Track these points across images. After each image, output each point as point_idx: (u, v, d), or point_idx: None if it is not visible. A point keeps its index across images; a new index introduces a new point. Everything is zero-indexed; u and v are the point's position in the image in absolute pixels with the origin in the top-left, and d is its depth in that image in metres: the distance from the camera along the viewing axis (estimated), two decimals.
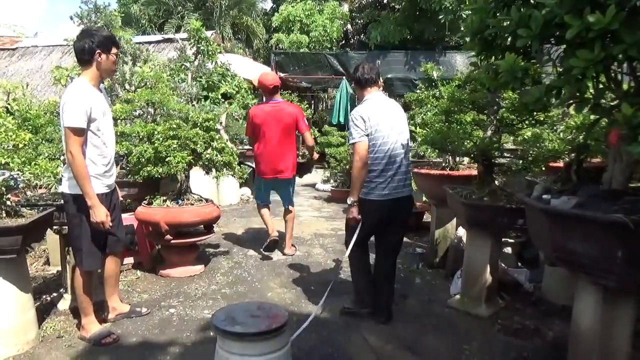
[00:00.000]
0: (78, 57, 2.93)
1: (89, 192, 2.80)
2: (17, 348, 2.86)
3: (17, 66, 11.87)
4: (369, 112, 3.21)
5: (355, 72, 3.41)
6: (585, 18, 1.71)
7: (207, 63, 8.76)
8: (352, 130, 3.21)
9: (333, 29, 17.41)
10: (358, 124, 3.18)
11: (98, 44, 2.86)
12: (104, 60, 2.90)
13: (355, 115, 3.22)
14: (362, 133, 3.16)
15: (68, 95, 2.80)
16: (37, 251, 4.90)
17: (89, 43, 2.85)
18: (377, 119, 3.19)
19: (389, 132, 3.21)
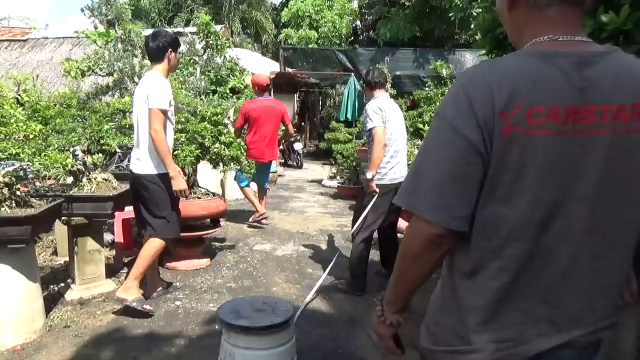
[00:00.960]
0: (152, 54, 3.34)
1: (171, 164, 3.24)
2: (24, 337, 2.89)
3: (28, 58, 11.93)
4: (383, 105, 3.69)
5: (366, 75, 3.92)
6: (598, 18, 1.70)
7: (215, 57, 8.76)
8: (372, 116, 3.64)
9: (342, 25, 17.37)
10: (377, 112, 3.63)
11: (170, 43, 3.32)
12: (173, 57, 3.37)
13: (373, 106, 3.67)
14: (381, 120, 3.62)
15: (152, 82, 3.22)
16: (46, 241, 4.94)
17: (163, 42, 3.29)
18: (390, 112, 3.70)
19: (397, 125, 3.77)
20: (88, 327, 3.14)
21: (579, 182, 0.94)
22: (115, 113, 4.91)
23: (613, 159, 0.93)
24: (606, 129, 0.93)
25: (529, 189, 0.93)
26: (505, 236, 0.96)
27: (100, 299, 3.59)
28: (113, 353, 2.82)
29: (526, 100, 0.91)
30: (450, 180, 0.95)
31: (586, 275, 0.98)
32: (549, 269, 0.97)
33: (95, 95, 5.92)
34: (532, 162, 0.92)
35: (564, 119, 0.91)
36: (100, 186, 3.64)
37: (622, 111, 0.92)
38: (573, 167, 0.93)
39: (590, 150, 0.93)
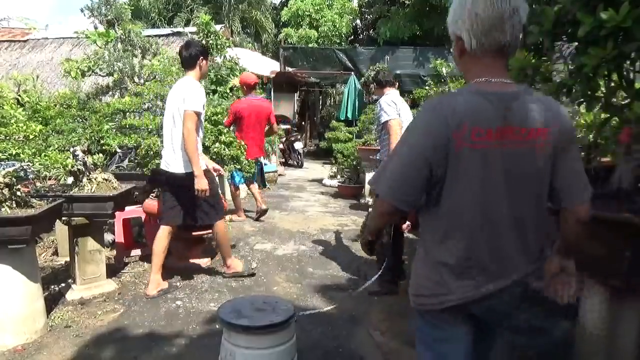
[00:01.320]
0: (185, 62, 3.68)
1: (197, 164, 3.49)
2: (25, 337, 2.89)
3: (28, 58, 11.93)
4: (395, 99, 3.84)
5: (376, 75, 4.14)
6: (598, 15, 1.70)
7: (215, 57, 8.76)
8: (387, 109, 3.76)
9: (342, 24, 17.36)
10: (391, 105, 3.76)
11: (201, 52, 3.67)
12: (204, 64, 3.71)
13: (387, 100, 3.82)
14: (396, 112, 3.74)
15: (188, 86, 3.53)
16: (46, 241, 4.95)
17: (195, 51, 3.64)
18: (400, 106, 3.84)
19: (407, 120, 3.82)
20: (89, 327, 3.15)
21: (507, 176, 1.39)
22: (116, 113, 4.92)
23: (527, 161, 1.40)
24: (522, 143, 1.39)
25: (477, 183, 1.39)
26: (464, 214, 1.42)
27: (101, 299, 3.60)
28: (114, 353, 2.83)
29: (470, 123, 1.35)
30: (403, 178, 1.41)
31: (516, 239, 1.44)
32: (493, 236, 1.42)
33: (95, 95, 5.92)
34: (477, 165, 1.37)
35: (495, 136, 1.37)
36: (100, 186, 3.64)
37: (532, 131, 1.39)
38: (503, 166, 1.39)
39: (513, 156, 1.39)
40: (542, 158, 1.42)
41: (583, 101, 2.10)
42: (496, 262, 1.44)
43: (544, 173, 1.44)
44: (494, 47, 1.41)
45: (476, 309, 1.48)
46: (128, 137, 4.60)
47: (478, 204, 1.41)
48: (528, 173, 1.42)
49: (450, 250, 1.44)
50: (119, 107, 4.80)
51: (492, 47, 1.41)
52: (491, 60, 1.44)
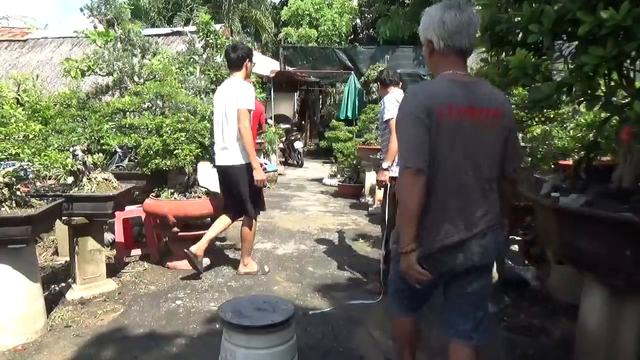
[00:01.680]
0: (232, 64, 4.02)
1: (255, 156, 3.95)
2: (25, 337, 2.89)
3: (28, 58, 11.93)
4: (399, 98, 3.74)
5: (380, 74, 4.19)
6: (598, 14, 1.69)
7: (215, 56, 8.75)
8: (390, 107, 3.77)
9: (342, 24, 17.34)
10: (394, 103, 3.73)
11: (247, 54, 4.02)
12: (249, 66, 4.07)
13: (391, 98, 3.84)
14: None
15: (240, 87, 3.90)
16: (46, 241, 4.95)
17: (241, 53, 3.98)
18: None
19: None
20: (89, 326, 3.15)
21: (474, 144, 1.78)
22: (115, 113, 4.91)
23: (488, 134, 1.81)
24: (482, 119, 1.79)
25: (450, 150, 1.76)
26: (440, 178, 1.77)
27: (101, 299, 3.60)
28: (114, 352, 2.83)
29: (445, 102, 1.74)
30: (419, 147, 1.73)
31: (477, 198, 1.82)
32: (462, 196, 1.80)
33: (95, 95, 5.90)
34: (453, 133, 1.75)
35: (465, 112, 1.75)
36: (100, 186, 3.64)
37: (489, 111, 1.79)
38: (471, 137, 1.77)
39: (477, 129, 1.78)
40: (498, 133, 1.84)
41: (583, 100, 2.10)
42: (462, 217, 1.80)
43: (499, 144, 1.85)
44: (456, 48, 1.83)
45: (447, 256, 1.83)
46: (128, 136, 4.59)
47: (449, 168, 1.78)
48: (489, 144, 1.83)
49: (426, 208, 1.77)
50: (119, 107, 4.79)
51: (455, 48, 1.83)
52: (455, 58, 1.86)
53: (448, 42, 1.81)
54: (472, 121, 1.76)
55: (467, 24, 1.80)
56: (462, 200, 1.79)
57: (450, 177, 1.78)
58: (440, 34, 1.81)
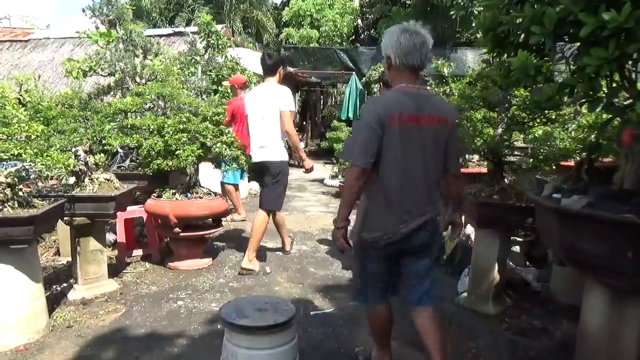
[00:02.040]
0: (268, 69, 4.35)
1: (302, 150, 4.85)
2: (27, 337, 2.90)
3: (30, 58, 11.95)
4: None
5: (382, 75, 4.25)
6: (600, 16, 1.69)
7: (217, 57, 8.76)
8: None
9: (343, 24, 17.35)
10: None
11: (281, 61, 4.45)
12: (282, 72, 4.41)
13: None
14: None
15: (280, 91, 4.25)
16: (48, 242, 4.96)
17: (277, 60, 4.39)
18: None
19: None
20: (91, 327, 3.15)
21: (420, 147, 2.14)
22: (117, 113, 4.91)
23: (433, 138, 2.17)
24: (429, 125, 2.15)
25: (402, 151, 2.12)
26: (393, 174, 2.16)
27: (102, 299, 3.60)
28: (115, 353, 2.83)
29: (397, 110, 2.09)
30: (366, 148, 2.11)
31: (425, 191, 2.21)
32: (410, 189, 2.18)
33: (96, 95, 5.92)
34: (402, 138, 2.11)
35: (414, 120, 2.12)
36: (102, 186, 3.65)
37: (434, 118, 2.15)
38: (419, 141, 2.14)
39: (424, 134, 2.14)
40: (442, 137, 2.21)
41: (585, 102, 2.10)
42: (415, 207, 2.20)
43: (442, 147, 2.22)
44: (410, 65, 2.19)
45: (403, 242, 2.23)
46: (129, 137, 4.59)
47: (402, 166, 2.15)
48: (434, 146, 2.19)
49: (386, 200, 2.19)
50: (121, 107, 4.79)
51: (408, 65, 2.19)
52: (408, 74, 2.22)
53: (403, 60, 2.18)
54: (419, 127, 2.14)
55: (420, 45, 2.17)
56: (411, 193, 2.19)
57: (402, 174, 2.16)
58: (397, 53, 2.18)
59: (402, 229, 2.19)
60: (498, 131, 3.65)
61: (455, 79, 5.76)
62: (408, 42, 2.15)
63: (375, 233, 2.23)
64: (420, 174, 2.17)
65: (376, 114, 2.10)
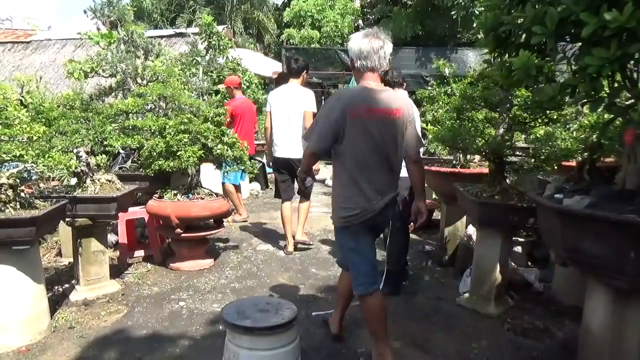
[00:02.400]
0: (294, 72, 4.82)
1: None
2: (29, 338, 2.90)
3: (31, 59, 11.96)
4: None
5: (385, 75, 4.06)
6: (601, 16, 1.69)
7: (218, 58, 8.76)
8: None
9: (344, 25, 17.34)
10: None
11: (306, 66, 4.93)
12: (305, 76, 4.91)
13: None
14: None
15: (307, 93, 4.78)
16: (50, 242, 4.96)
17: (302, 65, 4.86)
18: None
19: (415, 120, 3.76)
20: (92, 328, 3.15)
21: (380, 134, 2.42)
22: (119, 114, 4.92)
23: (391, 127, 2.45)
24: (386, 117, 2.44)
25: (361, 138, 2.40)
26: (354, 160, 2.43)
27: (104, 300, 3.60)
28: (117, 354, 2.83)
29: (358, 104, 2.40)
30: (322, 136, 2.46)
31: (385, 174, 2.48)
32: (371, 172, 2.44)
33: (98, 96, 5.91)
34: (362, 128, 2.39)
35: (372, 112, 2.40)
36: (104, 187, 3.66)
37: (390, 110, 2.44)
38: (377, 130, 2.41)
39: (381, 123, 2.43)
40: (399, 126, 2.50)
41: (587, 102, 2.09)
42: (375, 189, 2.47)
43: (400, 135, 2.50)
44: (369, 68, 2.50)
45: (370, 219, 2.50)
46: (131, 138, 4.59)
47: (363, 153, 2.43)
48: (391, 134, 2.47)
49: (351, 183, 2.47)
50: (122, 108, 4.79)
51: (368, 67, 2.50)
52: (369, 74, 2.52)
53: (363, 62, 2.49)
54: (377, 117, 2.43)
55: (378, 49, 2.46)
56: (374, 175, 2.47)
57: (363, 160, 2.45)
58: (358, 56, 2.50)
59: (363, 205, 2.46)
60: (499, 131, 3.65)
61: (456, 79, 5.74)
62: (367, 46, 2.46)
63: (349, 212, 2.49)
64: (380, 160, 2.46)
65: (340, 107, 2.43)
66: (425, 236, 5.59)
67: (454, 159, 4.70)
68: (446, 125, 4.03)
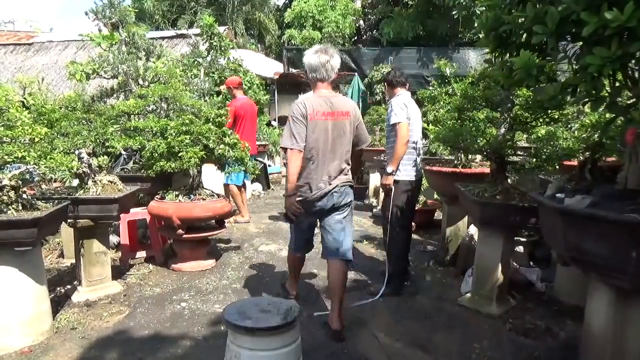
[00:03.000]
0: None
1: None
2: (32, 339, 2.91)
3: (33, 61, 11.99)
4: (406, 102, 3.86)
5: (387, 75, 4.16)
6: (602, 15, 1.68)
7: (219, 59, 8.78)
8: (397, 112, 3.78)
9: (345, 25, 17.32)
10: (402, 108, 3.78)
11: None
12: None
13: (398, 102, 3.84)
14: (405, 115, 3.76)
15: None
16: (52, 244, 4.98)
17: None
18: (411, 109, 3.85)
19: (416, 124, 3.91)
20: (95, 328, 3.16)
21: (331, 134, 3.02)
22: (120, 115, 4.93)
23: (341, 127, 3.05)
24: (337, 118, 3.04)
25: (318, 136, 2.99)
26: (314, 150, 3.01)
27: (106, 301, 3.61)
28: (119, 354, 2.84)
29: (315, 108, 2.99)
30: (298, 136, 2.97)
31: (334, 163, 3.05)
32: (324, 162, 3.03)
33: (100, 97, 5.92)
34: (319, 127, 2.99)
35: (326, 114, 3.01)
36: (105, 188, 3.66)
37: (340, 112, 3.05)
38: (330, 129, 3.01)
39: (334, 124, 3.03)
40: (348, 125, 3.06)
41: (588, 101, 2.08)
42: (328, 176, 3.04)
43: (349, 133, 3.07)
44: (318, 79, 3.07)
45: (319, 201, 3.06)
46: (133, 139, 4.60)
47: (318, 147, 2.99)
48: (342, 133, 3.04)
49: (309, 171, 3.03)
50: (124, 110, 4.80)
51: (317, 78, 3.07)
52: (320, 84, 3.08)
53: (313, 74, 3.07)
54: (332, 119, 3.01)
55: (325, 63, 3.01)
56: (327, 166, 3.03)
57: (321, 153, 3.01)
58: (309, 69, 3.07)
59: (317, 192, 3.03)
60: (501, 131, 3.64)
61: (457, 79, 5.75)
62: (316, 61, 3.02)
63: (304, 194, 3.04)
64: (332, 153, 3.03)
65: (301, 112, 2.98)
66: (426, 236, 5.59)
67: (455, 158, 4.69)
68: (447, 125, 4.02)
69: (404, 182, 3.85)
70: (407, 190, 3.87)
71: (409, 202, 3.89)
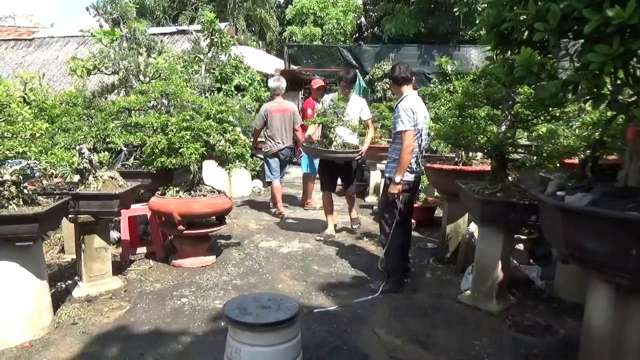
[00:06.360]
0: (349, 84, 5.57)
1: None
2: (33, 333, 2.92)
3: (34, 57, 11.99)
4: (414, 106, 3.76)
5: (392, 71, 3.97)
6: (604, 12, 1.68)
7: (220, 55, 8.77)
8: (403, 119, 3.70)
9: (347, 22, 17.31)
10: (409, 114, 3.69)
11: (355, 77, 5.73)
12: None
13: (406, 107, 3.73)
14: (412, 123, 3.69)
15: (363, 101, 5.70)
16: (53, 239, 4.98)
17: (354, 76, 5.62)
18: (419, 114, 3.78)
19: (423, 126, 3.86)
20: (95, 324, 3.17)
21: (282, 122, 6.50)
22: (121, 111, 4.93)
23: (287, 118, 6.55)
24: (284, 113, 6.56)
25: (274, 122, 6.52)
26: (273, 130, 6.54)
27: (107, 296, 3.62)
28: (120, 349, 2.85)
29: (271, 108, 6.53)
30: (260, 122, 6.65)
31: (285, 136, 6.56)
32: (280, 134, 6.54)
33: (100, 93, 5.92)
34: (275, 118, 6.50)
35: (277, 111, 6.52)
36: (106, 184, 3.67)
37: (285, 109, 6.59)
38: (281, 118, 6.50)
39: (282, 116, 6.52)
40: (290, 116, 6.49)
41: (589, 99, 2.08)
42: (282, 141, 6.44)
43: (290, 121, 6.48)
44: (275, 94, 6.56)
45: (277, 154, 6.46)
46: (133, 135, 4.61)
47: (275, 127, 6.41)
48: (287, 121, 6.44)
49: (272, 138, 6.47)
50: (125, 105, 4.80)
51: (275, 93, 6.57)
52: (275, 97, 6.55)
53: (272, 92, 6.56)
54: (281, 112, 6.32)
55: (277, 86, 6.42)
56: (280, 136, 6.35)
57: (276, 130, 6.34)
58: (270, 89, 6.55)
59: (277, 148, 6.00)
60: (502, 129, 3.64)
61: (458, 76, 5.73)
62: (272, 85, 6.42)
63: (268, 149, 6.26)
64: (283, 130, 6.24)
65: (264, 111, 6.35)
66: (427, 233, 5.59)
67: (456, 156, 4.69)
68: (448, 122, 4.01)
69: (403, 182, 3.85)
70: (406, 190, 3.88)
71: (407, 200, 3.90)
